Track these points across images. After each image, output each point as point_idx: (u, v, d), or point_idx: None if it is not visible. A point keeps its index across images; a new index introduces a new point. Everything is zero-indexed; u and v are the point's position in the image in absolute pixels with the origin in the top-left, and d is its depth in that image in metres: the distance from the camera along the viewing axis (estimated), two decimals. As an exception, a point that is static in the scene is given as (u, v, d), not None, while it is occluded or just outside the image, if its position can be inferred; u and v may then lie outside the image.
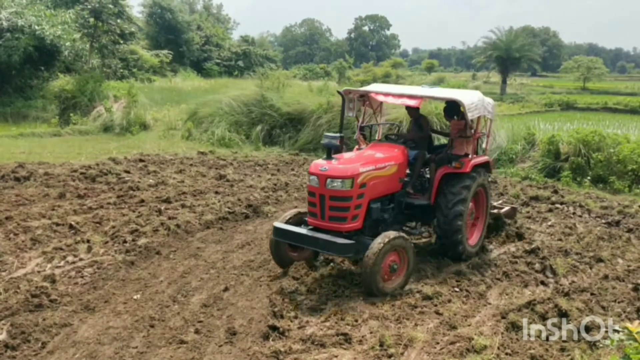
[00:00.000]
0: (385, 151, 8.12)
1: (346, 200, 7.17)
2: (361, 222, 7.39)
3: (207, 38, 61.06)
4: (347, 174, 7.13)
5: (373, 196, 7.57)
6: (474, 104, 8.11)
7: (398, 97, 8.39)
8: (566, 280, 7.83)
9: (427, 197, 8.37)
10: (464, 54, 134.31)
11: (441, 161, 8.44)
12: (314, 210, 7.33)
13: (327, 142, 7.42)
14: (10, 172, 12.58)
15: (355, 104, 8.82)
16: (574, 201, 12.31)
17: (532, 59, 57.97)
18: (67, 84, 24.38)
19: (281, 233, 7.40)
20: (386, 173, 7.73)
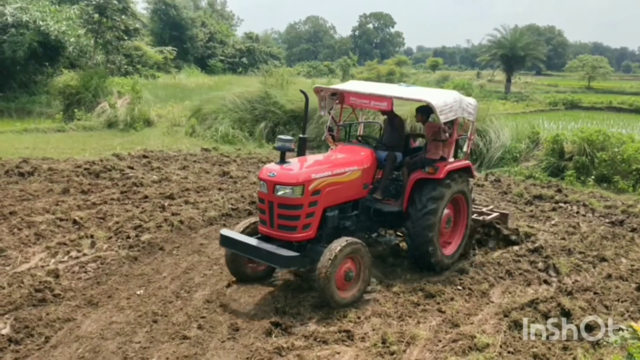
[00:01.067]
0: (349, 155, 7.71)
1: (296, 209, 6.68)
2: (314, 231, 6.91)
3: (211, 35, 61.12)
4: (297, 180, 6.63)
5: (329, 203, 7.09)
6: (448, 106, 7.50)
7: (367, 99, 7.82)
8: (569, 279, 7.82)
9: (399, 203, 7.90)
10: (468, 52, 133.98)
11: (414, 165, 7.94)
12: (264, 218, 6.86)
13: (280, 145, 6.85)
14: (15, 168, 12.63)
15: (326, 103, 8.41)
16: (577, 200, 12.28)
17: (536, 57, 57.76)
18: (71, 79, 24.42)
19: (227, 241, 6.89)
20: (346, 179, 7.25)
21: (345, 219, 7.49)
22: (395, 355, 5.60)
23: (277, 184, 6.61)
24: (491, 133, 16.65)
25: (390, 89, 8.20)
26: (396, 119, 8.55)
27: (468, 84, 38.52)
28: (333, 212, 7.21)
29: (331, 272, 6.33)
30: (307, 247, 6.92)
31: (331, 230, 7.24)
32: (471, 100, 8.39)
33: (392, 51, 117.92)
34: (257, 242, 6.75)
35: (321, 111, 8.48)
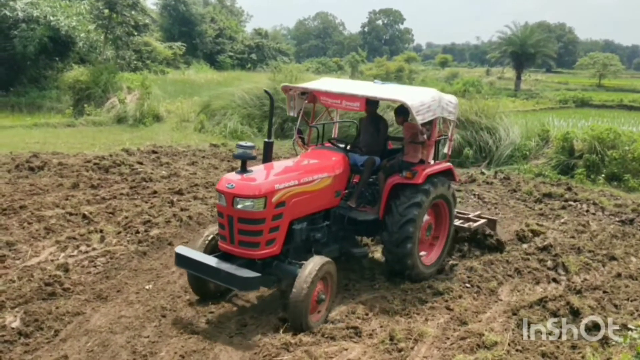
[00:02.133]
0: (319, 160, 7.10)
1: (258, 223, 6.03)
2: (279, 247, 6.28)
3: (221, 31, 61.18)
4: (258, 192, 5.98)
5: (296, 215, 6.50)
6: (425, 105, 6.96)
7: (338, 99, 7.18)
8: (578, 278, 7.78)
9: (375, 211, 7.39)
10: (478, 49, 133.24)
11: (392, 169, 7.41)
12: (223, 234, 6.19)
13: (240, 152, 6.13)
14: (25, 162, 12.71)
15: (296, 102, 7.82)
16: (587, 199, 12.21)
17: (547, 54, 57.39)
18: (81, 75, 24.52)
19: (183, 261, 6.22)
20: (315, 187, 6.63)
21: (315, 230, 6.92)
22: (403, 352, 5.60)
23: (236, 196, 5.96)
24: (501, 131, 16.59)
25: (364, 88, 7.56)
26: (381, 122, 7.95)
27: (477, 81, 38.36)
28: (301, 225, 6.64)
29: (308, 297, 5.81)
30: (273, 265, 6.36)
31: (299, 244, 6.71)
32: (451, 98, 7.94)
33: (401, 48, 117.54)
34: (215, 261, 6.08)
35: (290, 112, 7.88)
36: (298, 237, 6.61)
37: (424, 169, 7.24)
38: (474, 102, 18.12)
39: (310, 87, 7.69)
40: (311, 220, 6.88)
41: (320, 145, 7.93)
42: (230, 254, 6.22)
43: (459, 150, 16.23)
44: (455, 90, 26.88)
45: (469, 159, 16.10)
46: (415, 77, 49.25)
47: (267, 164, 6.88)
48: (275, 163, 7.02)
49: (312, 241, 6.90)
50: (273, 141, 7.22)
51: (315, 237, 6.90)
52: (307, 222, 6.79)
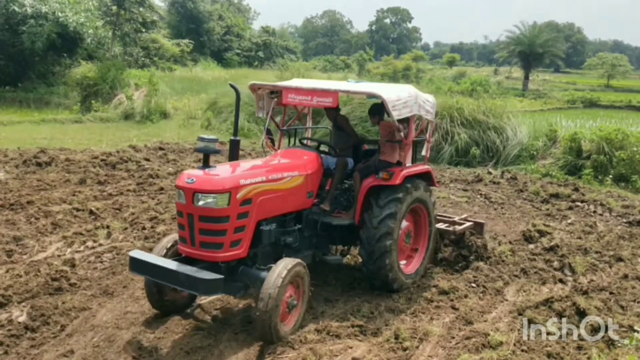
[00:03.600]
0: (290, 159, 6.70)
1: (221, 222, 5.53)
2: (246, 249, 5.78)
3: (228, 28, 61.22)
4: (222, 187, 5.51)
5: (264, 215, 6.01)
6: (401, 101, 6.58)
7: (309, 95, 6.66)
8: (585, 279, 7.74)
9: (350, 215, 6.96)
10: (486, 48, 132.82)
11: (367, 170, 6.99)
12: (183, 235, 5.66)
13: (202, 146, 5.72)
14: (32, 157, 12.79)
15: (265, 102, 7.30)
16: (595, 199, 12.15)
17: (555, 54, 57.11)
18: (89, 71, 24.63)
19: (139, 266, 5.66)
20: (285, 186, 6.19)
21: (286, 234, 6.41)
22: (408, 351, 5.58)
23: (196, 191, 5.44)
24: (508, 130, 16.56)
25: (335, 85, 7.15)
26: (339, 118, 7.53)
27: (485, 81, 38.18)
28: (269, 226, 6.11)
29: (277, 303, 5.33)
30: (240, 270, 5.85)
31: (269, 248, 6.19)
32: (429, 97, 7.54)
33: (409, 46, 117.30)
34: (174, 264, 5.54)
35: (259, 112, 7.40)
36: (267, 240, 6.07)
37: (401, 170, 6.84)
38: (481, 102, 18.09)
39: (279, 84, 7.14)
40: (281, 222, 6.39)
41: (291, 146, 7.53)
42: (191, 258, 5.68)
43: (466, 149, 16.22)
44: (463, 90, 26.79)
45: (476, 159, 16.08)
46: (422, 75, 49.09)
47: (233, 162, 6.38)
48: (242, 161, 6.52)
49: (283, 245, 6.37)
50: (239, 139, 6.63)
51: (286, 241, 6.37)
52: (277, 224, 6.26)
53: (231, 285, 5.74)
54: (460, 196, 12.38)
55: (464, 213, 10.53)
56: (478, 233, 8.51)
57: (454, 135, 16.45)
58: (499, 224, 10.41)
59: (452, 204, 11.70)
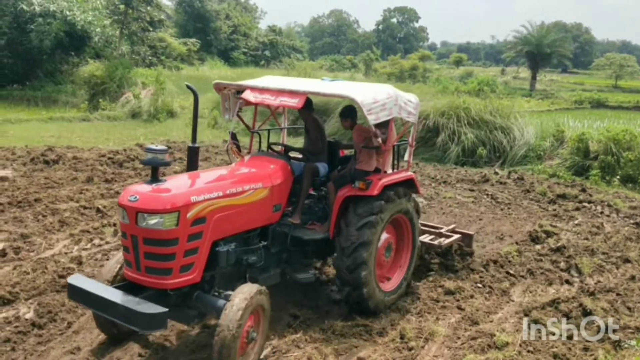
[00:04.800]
0: (254, 168, 6.09)
1: (169, 245, 4.91)
2: (199, 273, 5.17)
3: (235, 27, 61.30)
4: (170, 205, 4.87)
5: (222, 234, 5.42)
6: (378, 103, 5.98)
7: (274, 95, 6.04)
8: (592, 280, 7.71)
9: (325, 228, 6.39)
10: (493, 48, 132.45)
11: (343, 179, 6.42)
12: (128, 258, 5.05)
13: (149, 158, 5.01)
14: (40, 155, 12.85)
15: (231, 103, 6.70)
16: (602, 200, 12.10)
17: (563, 55, 56.87)
18: (96, 69, 24.71)
19: (77, 294, 5.03)
20: (246, 200, 5.60)
21: (249, 253, 5.82)
22: (413, 351, 5.58)
23: (140, 211, 4.81)
24: (515, 130, 16.52)
25: (306, 84, 6.56)
26: (309, 119, 6.92)
27: (492, 81, 38.07)
28: (228, 246, 5.51)
29: (236, 338, 4.74)
30: (194, 296, 5.25)
31: (228, 269, 5.61)
32: (411, 97, 6.87)
33: (416, 46, 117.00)
34: (115, 293, 4.90)
35: (225, 114, 6.82)
36: (224, 262, 5.47)
37: (380, 178, 6.24)
38: (488, 102, 18.05)
39: (246, 84, 6.53)
40: (243, 240, 5.83)
41: (259, 152, 6.97)
42: (137, 284, 5.09)
43: (473, 149, 16.19)
44: (470, 90, 26.68)
45: (483, 159, 16.05)
46: (429, 75, 48.99)
47: (188, 172, 5.81)
48: (200, 172, 5.93)
49: (246, 265, 5.79)
50: (198, 146, 6.10)
51: (249, 260, 5.77)
52: (238, 243, 5.69)
53: (184, 313, 5.20)
54: (467, 196, 12.36)
55: (464, 217, 10.55)
56: (467, 245, 8.09)
57: (460, 135, 16.42)
58: (506, 224, 10.38)
59: (458, 204, 11.68)
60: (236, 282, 5.53)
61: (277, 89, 6.11)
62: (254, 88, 6.26)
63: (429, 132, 17.03)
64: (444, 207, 11.34)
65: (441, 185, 13.47)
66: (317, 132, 6.90)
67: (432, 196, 12.19)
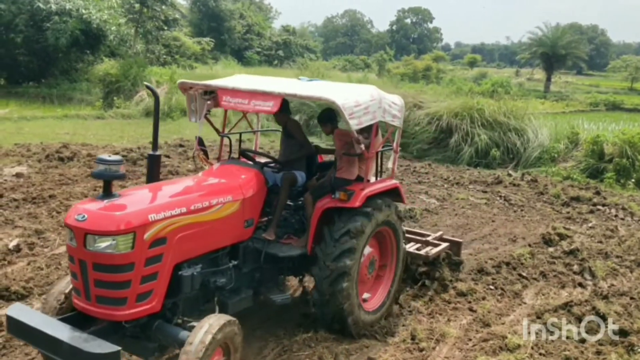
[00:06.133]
0: (223, 179, 5.49)
1: (122, 271, 4.30)
2: (159, 302, 4.55)
3: (249, 27, 61.55)
4: (123, 226, 4.24)
5: (184, 256, 4.79)
6: (361, 107, 5.43)
7: (246, 98, 5.43)
8: (605, 283, 7.66)
9: (302, 243, 5.81)
10: (508, 49, 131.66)
11: (322, 189, 5.85)
12: (76, 285, 4.41)
13: (100, 170, 4.33)
14: (55, 152, 12.97)
15: (198, 105, 6.05)
16: (616, 203, 12.01)
17: (578, 56, 56.46)
18: (111, 68, 24.88)
19: (16, 327, 4.37)
20: (213, 216, 4.98)
21: (217, 275, 5.21)
22: (425, 352, 5.57)
23: (88, 232, 4.19)
24: (529, 132, 16.45)
25: (282, 85, 5.88)
26: (289, 123, 6.40)
27: (506, 82, 37.86)
28: (193, 269, 4.87)
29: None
30: (154, 327, 4.62)
31: (193, 294, 4.99)
32: (395, 98, 6.32)
33: (430, 47, 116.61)
34: (59, 327, 4.25)
35: (191, 117, 6.17)
36: (188, 288, 4.82)
37: (362, 188, 5.71)
38: (502, 103, 17.98)
39: (213, 84, 5.94)
40: (210, 261, 5.19)
41: (230, 160, 6.40)
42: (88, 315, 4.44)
43: (486, 151, 16.13)
44: (484, 91, 26.60)
45: (496, 160, 15.99)
46: (443, 76, 48.83)
47: (149, 184, 5.21)
48: (161, 183, 5.30)
49: (214, 289, 5.17)
50: (160, 154, 5.55)
51: (217, 283, 5.15)
52: (204, 264, 5.06)
53: (142, 346, 4.63)
54: (480, 198, 12.31)
55: (476, 219, 10.50)
56: (455, 254, 7.63)
57: (474, 136, 16.36)
58: (519, 226, 10.33)
59: (470, 205, 11.64)
60: (203, 306, 5.13)
61: (249, 91, 5.47)
62: (223, 89, 5.65)
63: (442, 132, 17.00)
64: (456, 209, 11.30)
65: (454, 186, 13.42)
66: (297, 137, 6.34)
67: (445, 197, 12.16)
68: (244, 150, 6.42)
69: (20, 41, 25.82)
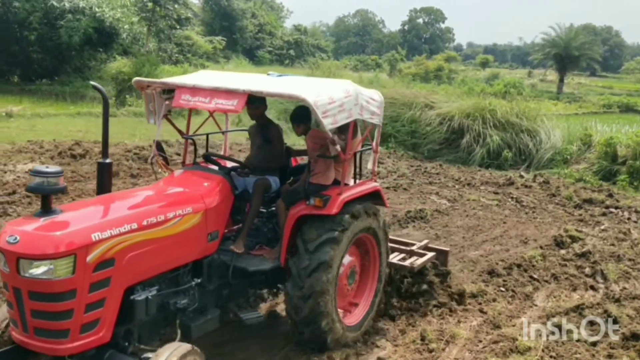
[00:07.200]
0: (183, 188, 4.97)
1: (62, 299, 3.77)
2: (108, 331, 4.05)
3: (261, 26, 61.72)
4: (61, 247, 3.71)
5: (137, 278, 4.26)
6: (335, 103, 4.91)
7: (207, 96, 4.90)
8: (617, 286, 7.59)
9: (275, 254, 5.33)
10: (520, 50, 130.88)
11: (295, 195, 5.36)
12: (13, 316, 3.95)
13: (37, 183, 3.87)
14: (67, 150, 13.08)
15: (156, 104, 5.56)
16: (629, 206, 11.91)
17: (592, 58, 56.04)
18: (124, 66, 25.01)
19: None
20: (170, 231, 4.44)
21: (178, 295, 4.69)
22: (434, 353, 5.55)
23: (21, 256, 3.69)
24: (541, 133, 16.37)
25: (248, 81, 5.42)
26: (272, 129, 5.85)
27: (519, 83, 37.66)
28: (147, 292, 4.35)
29: None
30: (106, 356, 4.13)
31: (150, 319, 4.46)
32: (374, 94, 5.77)
33: (442, 47, 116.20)
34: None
35: (149, 118, 5.69)
36: (143, 312, 4.31)
37: (339, 193, 5.22)
38: (514, 104, 17.91)
39: (172, 81, 5.45)
40: (169, 281, 4.67)
41: (193, 165, 5.91)
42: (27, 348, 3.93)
43: (498, 152, 16.06)
44: (496, 91, 26.44)
45: (508, 161, 15.94)
46: (454, 76, 48.65)
47: (97, 197, 4.75)
48: (112, 196, 4.85)
49: (175, 310, 4.64)
50: (111, 162, 5.11)
51: (178, 304, 4.62)
52: (162, 285, 4.56)
53: None
54: (491, 199, 12.25)
55: (487, 220, 10.44)
56: (441, 264, 7.06)
57: (485, 137, 16.31)
58: (530, 228, 10.27)
59: (482, 206, 11.59)
60: (165, 330, 4.68)
61: (211, 88, 4.93)
62: (183, 87, 5.10)
63: (454, 133, 16.96)
64: (467, 210, 11.25)
65: (465, 187, 13.37)
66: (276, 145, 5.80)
67: (456, 198, 12.11)
68: (207, 154, 5.91)
69: (34, 39, 26.03)
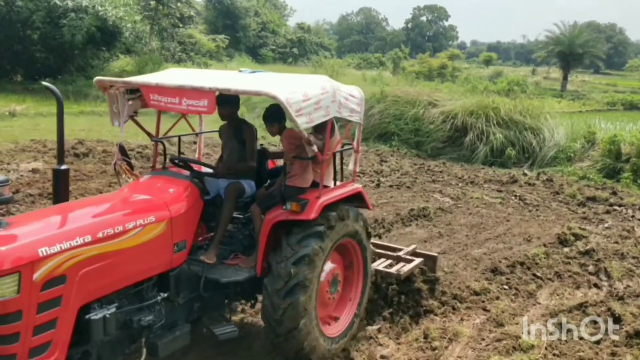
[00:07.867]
0: (146, 194, 4.64)
1: (6, 321, 3.49)
2: (62, 353, 3.73)
3: (264, 24, 61.71)
4: (4, 265, 3.42)
5: (94, 295, 3.94)
6: (310, 101, 4.58)
7: (176, 96, 4.56)
8: (621, 284, 7.57)
9: (251, 263, 5.01)
10: (524, 47, 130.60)
11: (271, 199, 5.06)
12: None
13: None
14: (70, 149, 13.08)
15: (121, 105, 5.23)
16: (633, 204, 11.86)
17: (595, 55, 55.84)
18: (127, 65, 25.11)
19: None
20: (130, 243, 4.11)
21: (142, 312, 4.33)
22: (437, 351, 5.55)
23: None
24: (545, 131, 16.33)
25: (216, 79, 5.15)
26: (245, 130, 5.47)
27: (523, 80, 37.59)
28: (105, 310, 3.96)
29: None
30: None
31: (111, 338, 4.08)
32: (353, 90, 5.44)
33: (445, 45, 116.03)
34: None
35: (114, 121, 5.33)
36: (100, 332, 3.92)
37: (317, 196, 4.89)
38: (518, 102, 17.88)
39: (134, 80, 5.14)
40: (132, 296, 4.32)
41: (163, 170, 5.48)
42: None
43: (502, 149, 16.04)
44: (499, 89, 26.42)
45: (511, 159, 15.90)
46: (458, 74, 48.54)
47: (51, 208, 4.55)
48: (66, 206, 4.51)
49: (139, 328, 4.27)
50: (68, 168, 4.86)
51: (142, 322, 4.25)
52: (122, 302, 4.21)
53: None
54: (494, 197, 12.23)
55: (491, 218, 10.40)
56: (430, 270, 6.78)
57: (489, 135, 16.28)
58: (534, 226, 10.24)
59: (485, 204, 11.56)
60: (127, 347, 4.32)
61: (176, 87, 4.57)
62: (147, 87, 4.77)
63: (457, 131, 16.94)
64: (470, 208, 11.23)
65: (468, 185, 13.35)
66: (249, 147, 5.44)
67: (459, 196, 12.09)
68: (173, 157, 5.60)
69: (37, 38, 26.11)
